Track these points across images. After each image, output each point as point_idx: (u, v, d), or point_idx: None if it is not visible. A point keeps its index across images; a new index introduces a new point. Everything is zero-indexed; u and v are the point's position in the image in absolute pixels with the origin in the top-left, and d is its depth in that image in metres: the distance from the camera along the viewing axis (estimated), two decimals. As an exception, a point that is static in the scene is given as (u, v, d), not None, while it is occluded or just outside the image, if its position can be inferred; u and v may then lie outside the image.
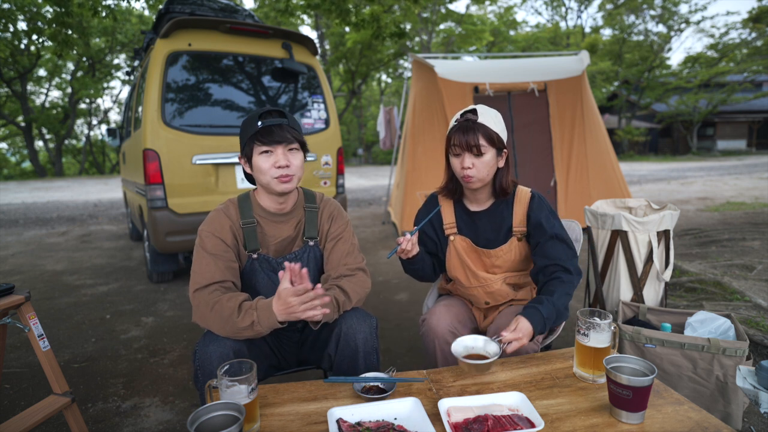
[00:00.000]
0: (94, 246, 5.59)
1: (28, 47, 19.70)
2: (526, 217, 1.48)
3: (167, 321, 3.02)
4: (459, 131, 1.40)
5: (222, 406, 0.91)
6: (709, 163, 18.67)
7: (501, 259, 1.50)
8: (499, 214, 1.52)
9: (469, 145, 1.37)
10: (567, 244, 1.44)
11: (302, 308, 1.14)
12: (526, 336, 1.24)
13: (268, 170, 1.32)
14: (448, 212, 1.58)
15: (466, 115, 1.42)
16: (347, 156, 32.01)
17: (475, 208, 1.55)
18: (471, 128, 1.38)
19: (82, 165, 26.80)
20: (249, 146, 1.33)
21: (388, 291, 3.55)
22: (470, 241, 1.54)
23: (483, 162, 1.39)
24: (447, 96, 4.80)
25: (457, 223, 1.57)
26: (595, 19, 34.28)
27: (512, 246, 1.50)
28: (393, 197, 6.42)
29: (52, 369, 1.51)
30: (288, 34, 3.72)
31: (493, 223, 1.52)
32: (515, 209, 1.49)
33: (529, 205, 1.48)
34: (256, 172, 1.35)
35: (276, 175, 1.32)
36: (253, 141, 1.31)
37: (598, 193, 4.98)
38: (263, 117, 1.32)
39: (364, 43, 19.25)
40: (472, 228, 1.55)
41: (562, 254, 1.42)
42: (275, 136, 1.31)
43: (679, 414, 1.00)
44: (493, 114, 1.44)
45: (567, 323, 2.48)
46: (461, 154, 1.41)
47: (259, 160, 1.32)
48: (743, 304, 2.66)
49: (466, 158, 1.39)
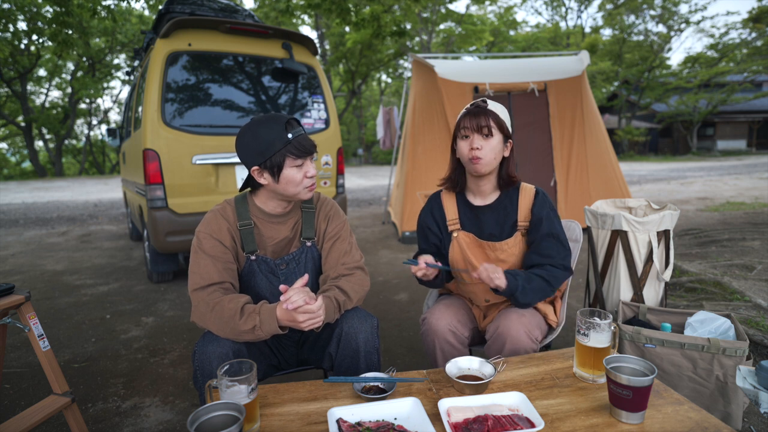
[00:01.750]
0: (94, 246, 5.59)
1: (28, 47, 19.71)
2: (530, 212, 1.50)
3: (167, 321, 3.02)
4: (469, 115, 1.43)
5: (222, 406, 0.91)
6: (709, 163, 18.68)
7: (506, 252, 1.50)
8: (503, 209, 1.52)
9: (480, 125, 1.40)
10: (562, 244, 1.47)
11: (306, 324, 1.18)
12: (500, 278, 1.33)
13: (302, 181, 1.32)
14: (450, 208, 1.58)
15: (476, 103, 1.46)
16: (347, 156, 32.01)
17: (479, 203, 1.55)
18: (481, 112, 1.42)
19: (82, 165, 26.81)
20: (279, 158, 1.27)
21: (388, 291, 3.55)
22: (474, 236, 1.54)
23: (491, 145, 1.41)
24: (447, 96, 4.80)
25: (460, 218, 1.57)
26: (595, 19, 34.33)
27: (517, 240, 1.50)
28: (393, 197, 6.42)
29: (52, 369, 1.51)
30: (288, 34, 3.72)
31: (498, 217, 1.52)
32: (520, 203, 1.51)
33: (534, 200, 1.50)
34: (284, 184, 1.31)
35: (308, 185, 1.34)
36: (285, 154, 1.27)
37: (598, 193, 4.98)
38: (289, 127, 1.29)
39: (364, 43, 19.26)
40: (475, 223, 1.55)
41: (555, 253, 1.45)
42: (307, 147, 1.30)
43: (679, 414, 1.00)
44: (500, 107, 1.47)
45: (567, 323, 2.48)
46: (470, 135, 1.43)
47: (292, 172, 1.30)
48: (743, 304, 2.66)
49: (476, 139, 1.41)
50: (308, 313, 1.16)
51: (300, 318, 1.15)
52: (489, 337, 1.46)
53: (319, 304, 1.17)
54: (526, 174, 4.94)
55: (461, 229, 1.56)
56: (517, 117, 4.90)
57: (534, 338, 1.41)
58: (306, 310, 1.15)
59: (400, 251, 4.84)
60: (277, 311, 1.19)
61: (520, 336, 1.38)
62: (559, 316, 1.62)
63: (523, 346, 1.38)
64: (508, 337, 1.38)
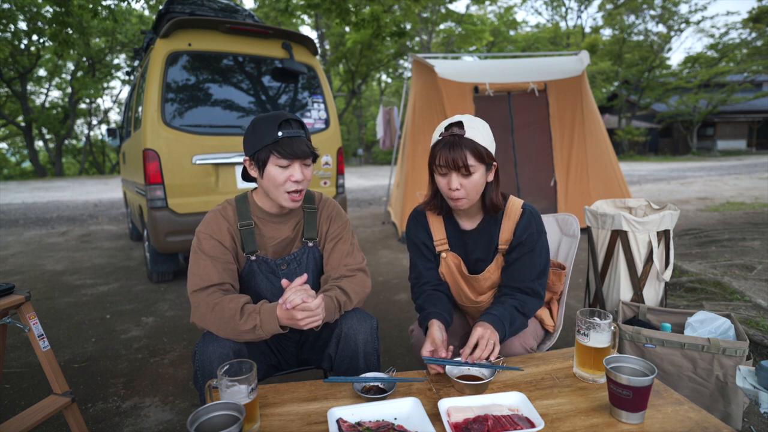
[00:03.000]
0: (94, 246, 5.59)
1: (28, 47, 19.72)
2: (512, 234, 1.41)
3: (167, 321, 3.02)
4: (445, 148, 1.26)
5: (222, 406, 0.91)
6: (709, 163, 18.68)
7: (489, 281, 1.45)
8: (488, 233, 1.44)
9: (457, 164, 1.25)
10: (535, 266, 1.38)
11: (305, 323, 1.17)
12: (493, 337, 1.20)
13: (283, 184, 1.28)
14: (437, 228, 1.49)
15: (451, 128, 1.28)
16: (347, 156, 32.01)
17: (466, 226, 1.47)
18: (458, 144, 1.24)
19: (82, 165, 26.81)
20: (264, 154, 1.26)
21: (388, 291, 3.55)
22: (461, 261, 1.47)
23: (472, 182, 1.28)
24: (447, 96, 4.80)
25: (448, 239, 1.48)
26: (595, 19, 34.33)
27: (498, 264, 1.44)
28: (393, 197, 6.42)
29: (52, 369, 1.51)
30: (288, 34, 3.72)
31: (483, 241, 1.45)
32: (503, 226, 1.41)
33: (518, 222, 1.40)
34: (267, 182, 1.30)
35: (290, 189, 1.29)
36: (270, 151, 1.25)
37: (597, 193, 4.98)
38: (283, 126, 1.26)
39: (364, 43, 19.26)
40: (462, 246, 1.47)
41: (526, 276, 1.37)
42: (295, 150, 1.25)
43: (679, 414, 1.00)
44: (480, 126, 1.31)
45: (567, 323, 2.48)
46: (448, 174, 1.28)
47: (274, 171, 1.27)
48: (743, 304, 2.66)
49: (453, 179, 1.27)
50: (307, 311, 1.15)
51: (299, 316, 1.15)
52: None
53: (318, 302, 1.17)
54: (527, 174, 4.94)
55: (450, 250, 1.48)
56: (517, 117, 4.90)
57: (529, 347, 1.39)
58: (304, 307, 1.14)
59: (400, 251, 4.84)
60: (278, 310, 1.19)
61: (514, 348, 1.37)
62: (557, 321, 1.59)
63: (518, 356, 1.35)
64: (502, 348, 1.35)
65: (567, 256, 1.70)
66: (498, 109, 4.86)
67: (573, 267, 1.69)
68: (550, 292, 1.61)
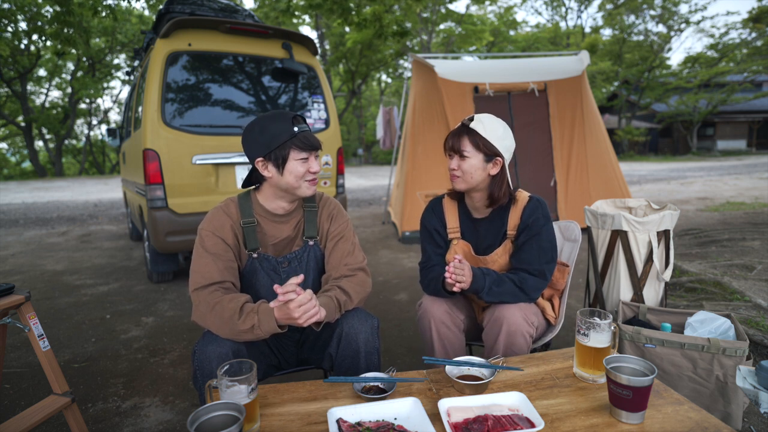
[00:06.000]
0: (94, 246, 5.59)
1: (29, 47, 19.70)
2: (519, 219, 1.53)
3: (167, 321, 3.02)
4: (451, 134, 1.50)
5: (222, 406, 0.92)
6: (709, 163, 18.68)
7: (497, 263, 1.55)
8: (498, 220, 1.57)
9: (454, 148, 1.47)
10: (543, 250, 1.48)
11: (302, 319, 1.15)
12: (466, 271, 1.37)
13: (304, 175, 1.34)
14: (451, 216, 1.63)
15: (463, 121, 1.50)
16: (347, 156, 32.01)
17: (477, 215, 1.60)
18: (460, 133, 1.47)
19: (82, 165, 26.80)
20: (283, 150, 1.31)
21: (388, 291, 3.55)
22: (470, 247, 1.59)
23: (467, 164, 1.45)
24: (447, 96, 4.80)
25: (461, 227, 1.62)
26: (595, 19, 34.32)
27: (506, 249, 1.55)
28: (393, 197, 6.42)
29: (52, 369, 1.51)
30: (288, 34, 3.72)
31: (493, 228, 1.57)
32: (511, 214, 1.54)
33: (524, 208, 1.52)
34: (289, 177, 1.33)
35: (309, 178, 1.36)
36: (290, 146, 1.31)
37: (597, 193, 4.98)
38: (296, 121, 1.33)
39: (364, 43, 19.26)
40: (473, 234, 1.60)
41: (534, 259, 1.47)
42: (312, 142, 1.34)
43: (679, 414, 1.00)
44: (489, 123, 1.46)
45: (567, 323, 2.48)
46: (452, 156, 1.50)
47: (296, 165, 1.32)
48: (743, 304, 2.66)
49: (453, 160, 1.49)
50: (302, 306, 1.14)
51: (295, 314, 1.14)
52: (486, 322, 1.47)
53: (307, 295, 1.15)
54: (527, 174, 4.94)
55: (461, 238, 1.62)
56: (517, 117, 4.90)
57: (531, 323, 1.42)
58: (300, 302, 1.13)
59: (400, 251, 4.84)
60: (275, 309, 1.19)
61: (516, 319, 1.39)
62: (559, 315, 1.62)
63: (520, 329, 1.39)
64: (504, 320, 1.40)
65: (569, 258, 1.73)
66: (498, 109, 4.86)
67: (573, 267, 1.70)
68: (552, 289, 1.65)
